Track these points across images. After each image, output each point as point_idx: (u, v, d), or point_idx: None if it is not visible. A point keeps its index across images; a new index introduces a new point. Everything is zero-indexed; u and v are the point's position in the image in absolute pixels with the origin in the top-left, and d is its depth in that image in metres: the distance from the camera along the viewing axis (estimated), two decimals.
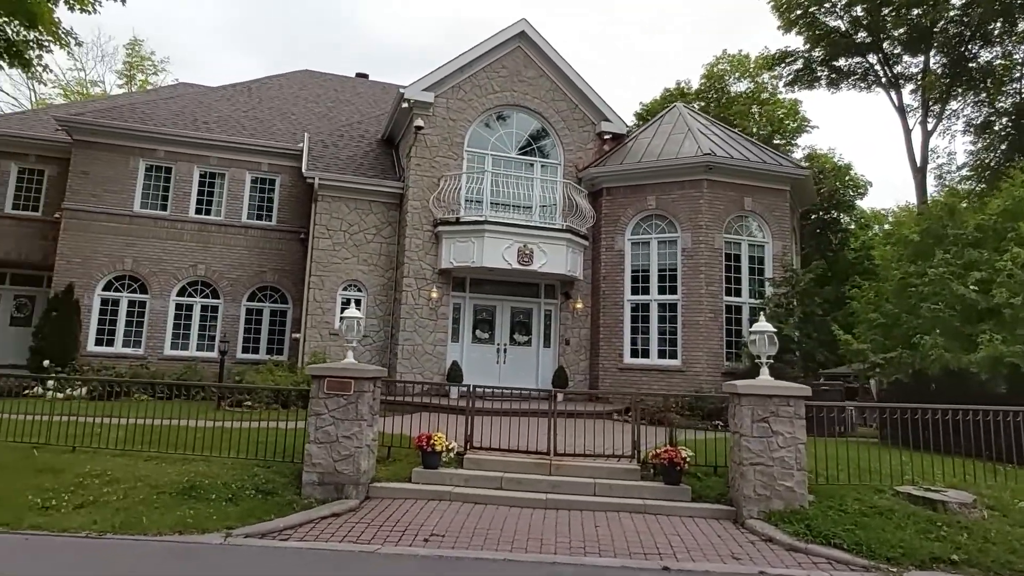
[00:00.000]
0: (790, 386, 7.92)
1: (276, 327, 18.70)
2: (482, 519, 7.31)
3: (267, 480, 8.02)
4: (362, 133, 20.13)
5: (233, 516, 6.96)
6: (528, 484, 8.33)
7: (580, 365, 16.86)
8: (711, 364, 15.31)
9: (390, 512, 7.47)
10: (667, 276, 16.19)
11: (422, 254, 16.23)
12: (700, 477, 8.51)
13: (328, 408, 8.06)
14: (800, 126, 38.34)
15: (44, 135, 19.07)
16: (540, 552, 6.33)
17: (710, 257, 15.78)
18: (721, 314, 15.63)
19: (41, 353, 15.96)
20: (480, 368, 15.95)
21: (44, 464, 8.33)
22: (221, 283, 18.23)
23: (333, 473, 7.89)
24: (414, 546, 6.37)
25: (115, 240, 17.66)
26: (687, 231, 16.02)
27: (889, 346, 12.41)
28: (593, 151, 17.87)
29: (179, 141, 18.32)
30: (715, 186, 16.09)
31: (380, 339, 16.68)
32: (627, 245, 16.73)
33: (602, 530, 7.05)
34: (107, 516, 6.87)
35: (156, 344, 17.63)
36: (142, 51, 37.90)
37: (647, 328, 16.19)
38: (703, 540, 6.83)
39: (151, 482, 7.79)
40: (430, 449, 8.52)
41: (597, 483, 8.29)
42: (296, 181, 18.65)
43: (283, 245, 18.78)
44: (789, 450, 7.60)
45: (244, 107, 21.48)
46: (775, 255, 16.22)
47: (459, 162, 16.78)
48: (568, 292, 17.05)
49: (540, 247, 15.84)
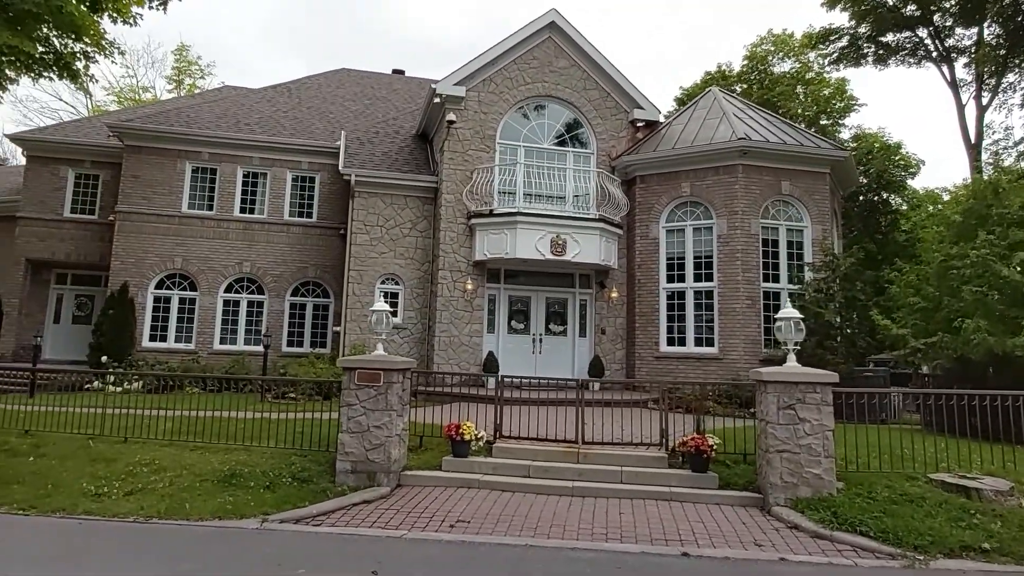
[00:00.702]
0: (816, 372, 7.82)
1: (319, 321, 19.23)
2: (508, 506, 7.48)
3: (303, 468, 8.35)
4: (397, 129, 20.46)
5: (270, 502, 7.30)
6: (555, 472, 8.45)
7: (616, 354, 16.86)
8: (748, 351, 15.12)
9: (419, 499, 7.71)
10: (703, 263, 16.02)
11: (456, 247, 16.44)
12: (728, 465, 8.49)
13: (359, 399, 8.34)
14: (847, 105, 37.11)
15: (98, 141, 19.97)
16: (562, 538, 6.45)
17: (746, 243, 15.55)
18: (758, 300, 15.40)
19: (100, 349, 16.81)
20: (516, 358, 16.12)
21: (98, 454, 8.86)
22: (266, 279, 18.83)
23: (365, 462, 8.17)
24: (439, 532, 6.57)
25: (165, 240, 18.42)
26: (722, 217, 15.81)
27: (930, 331, 12.04)
28: (626, 139, 17.75)
29: (223, 143, 18.95)
30: (751, 171, 15.82)
31: (418, 331, 17.00)
32: (662, 233, 16.60)
33: (626, 517, 7.13)
34: (153, 503, 7.29)
35: (206, 339, 18.36)
36: (189, 56, 39.21)
37: (683, 316, 16.08)
38: (727, 527, 6.84)
39: (195, 471, 8.21)
40: (459, 438, 8.72)
41: (624, 471, 8.36)
42: (335, 178, 19.09)
43: (324, 241, 19.27)
44: (816, 437, 7.52)
45: (284, 107, 22.05)
46: (814, 239, 15.86)
47: (491, 155, 16.91)
48: (603, 281, 17.05)
49: (573, 237, 15.87)
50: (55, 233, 19.68)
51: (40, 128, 21.68)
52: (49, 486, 7.82)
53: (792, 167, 15.99)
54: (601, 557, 5.92)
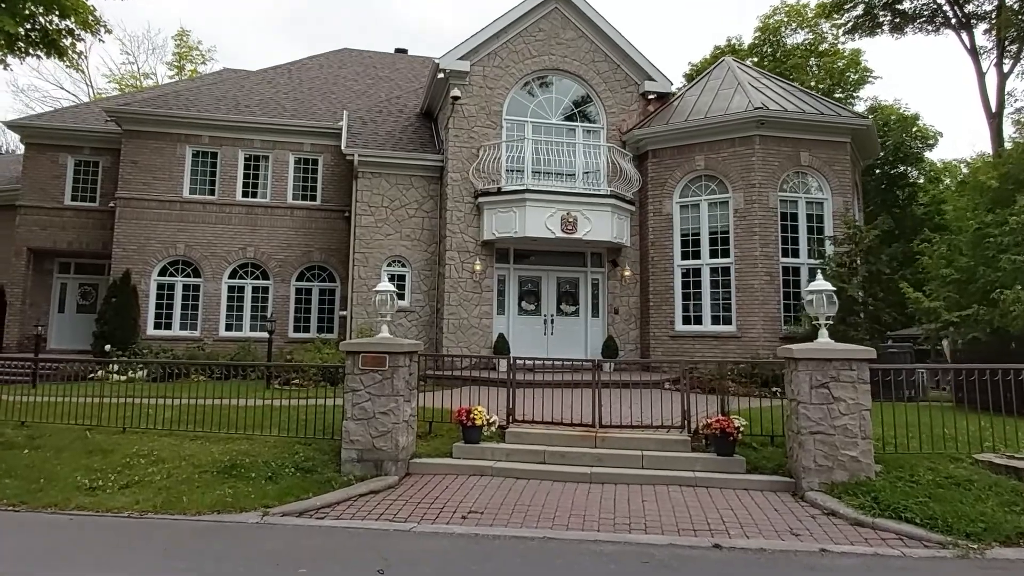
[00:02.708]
0: (852, 348, 7.31)
1: (325, 305, 18.86)
2: (523, 495, 7.05)
3: (307, 458, 7.95)
4: (400, 108, 19.90)
5: (271, 494, 6.90)
6: (572, 458, 8.02)
7: (630, 334, 16.38)
8: (768, 329, 14.59)
9: (429, 489, 7.29)
10: (719, 239, 15.46)
11: (464, 227, 15.95)
12: (756, 447, 8.02)
13: (364, 384, 7.90)
14: (862, 77, 36.19)
15: (96, 127, 19.54)
16: (582, 529, 6.02)
17: (764, 217, 14.96)
18: (778, 276, 14.84)
19: (104, 338, 16.51)
20: (527, 340, 15.67)
21: (95, 445, 8.50)
22: (270, 264, 18.44)
23: (371, 450, 7.76)
24: (451, 524, 6.15)
25: (167, 226, 18.03)
26: (739, 191, 15.21)
27: (964, 303, 11.46)
28: (637, 113, 17.13)
29: (222, 126, 18.48)
30: (768, 142, 15.19)
31: (426, 314, 16.57)
32: (675, 208, 16.03)
33: (649, 505, 6.68)
34: (149, 496, 6.92)
35: (211, 326, 18.02)
36: (189, 41, 38.65)
37: (699, 294, 15.55)
38: (758, 515, 6.38)
39: (194, 461, 7.83)
40: (470, 423, 8.29)
41: (645, 455, 7.91)
42: (338, 160, 18.60)
43: (328, 224, 18.83)
44: (852, 417, 7.02)
45: (285, 89, 21.53)
46: (835, 212, 15.24)
47: (498, 131, 16.35)
48: (615, 260, 16.52)
49: (584, 214, 15.34)
50: (56, 221, 19.33)
51: (38, 115, 21.29)
52: (42, 480, 7.46)
53: (811, 137, 15.35)
54: (626, 550, 5.48)
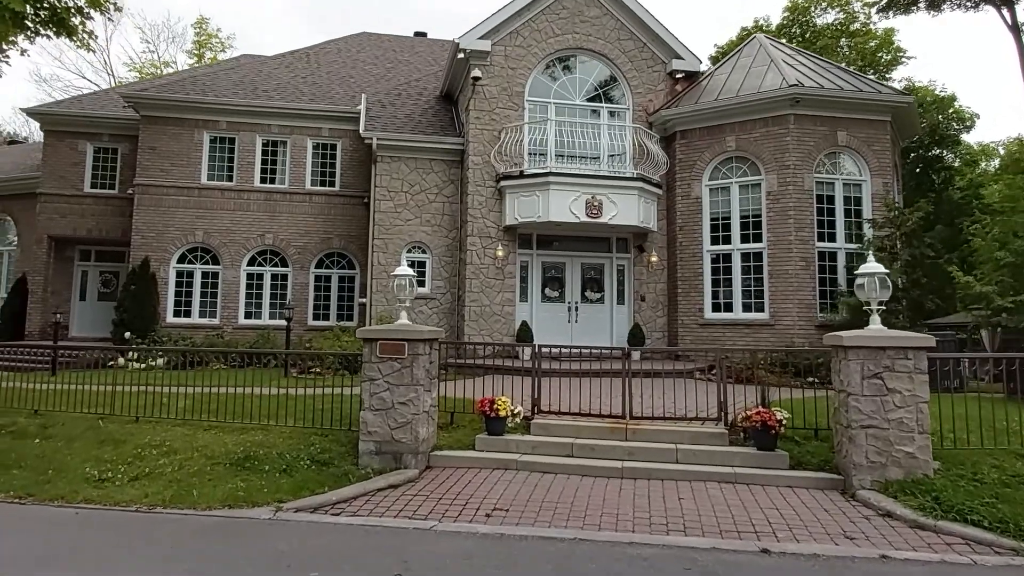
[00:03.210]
0: (908, 336, 6.75)
1: (345, 293, 18.56)
2: (550, 491, 6.62)
3: (323, 449, 7.61)
4: (420, 91, 19.45)
5: (285, 488, 6.56)
6: (601, 451, 7.57)
7: (657, 322, 15.86)
8: (803, 316, 13.99)
9: (451, 483, 6.90)
10: (751, 223, 14.83)
11: (485, 211, 15.50)
12: (798, 441, 7.51)
13: (382, 373, 7.51)
14: (895, 58, 34.97)
15: (115, 113, 19.36)
16: (615, 530, 5.58)
17: (799, 200, 14.31)
18: (813, 262, 14.20)
19: (123, 325, 16.36)
20: (551, 328, 15.21)
21: (107, 435, 8.24)
22: (289, 251, 18.16)
23: (390, 442, 7.38)
24: (474, 522, 5.75)
25: (186, 213, 17.82)
26: (772, 172, 14.56)
27: (1020, 287, 10.77)
28: (664, 92, 16.50)
29: (240, 110, 18.18)
30: (803, 121, 14.50)
31: (447, 301, 16.19)
32: (705, 191, 15.43)
33: (687, 503, 6.22)
34: (159, 489, 6.61)
35: (230, 314, 17.81)
36: (209, 28, 38.48)
37: (729, 280, 14.97)
38: (807, 515, 5.89)
39: (207, 452, 7.53)
40: (493, 414, 7.88)
41: (679, 449, 7.44)
42: (357, 145, 18.23)
43: (347, 210, 18.49)
44: (908, 410, 6.48)
45: (303, 73, 21.18)
46: (874, 194, 14.53)
47: (520, 113, 15.84)
48: (642, 245, 15.98)
49: (610, 198, 14.80)
50: (76, 209, 19.22)
51: (57, 101, 21.18)
52: (50, 471, 7.20)
53: (849, 116, 14.63)
54: (665, 554, 5.03)
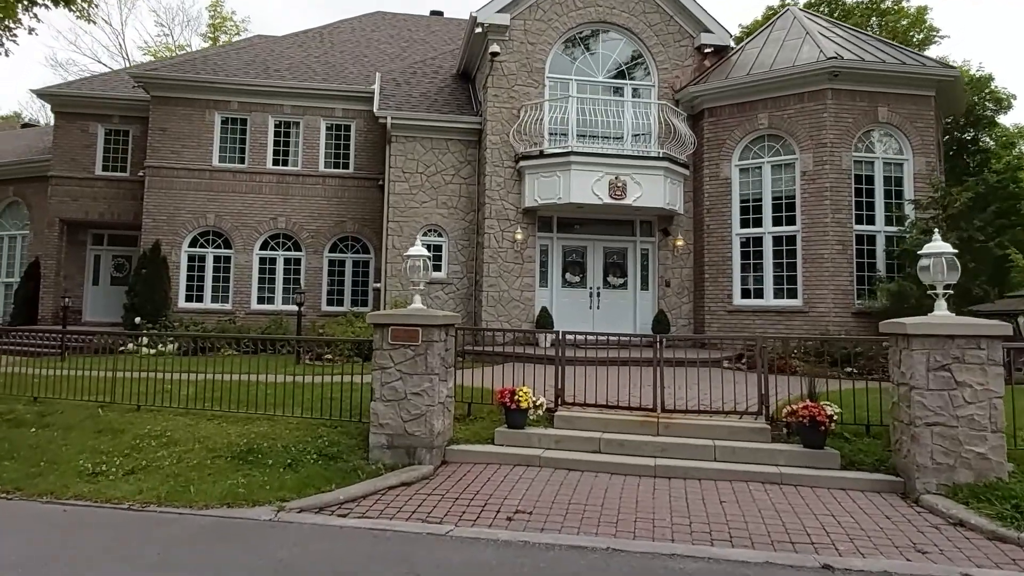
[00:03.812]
0: (982, 323, 6.04)
1: (359, 278, 18.08)
2: (577, 491, 6.04)
3: (331, 443, 7.08)
4: (436, 69, 18.80)
5: (289, 485, 6.04)
6: (632, 447, 6.97)
7: (682, 308, 15.18)
8: (839, 303, 13.24)
9: (468, 481, 6.34)
10: (783, 205, 14.07)
11: (504, 193, 14.87)
12: (848, 438, 6.85)
13: (394, 361, 6.96)
14: (928, 37, 33.68)
15: (125, 94, 18.93)
16: (653, 539, 4.98)
17: (836, 180, 13.51)
18: (850, 245, 13.42)
19: (134, 310, 16.03)
20: (571, 314, 14.61)
21: (106, 424, 7.80)
22: (302, 235, 17.68)
23: (403, 435, 6.84)
24: (494, 526, 5.19)
25: (197, 196, 17.39)
26: (807, 151, 13.76)
27: None
28: (692, 68, 15.71)
29: (251, 91, 17.66)
30: (841, 96, 13.67)
31: (464, 286, 15.62)
32: (734, 172, 14.67)
33: (730, 507, 5.61)
34: (155, 485, 6.12)
35: (243, 299, 17.40)
36: (223, 11, 37.99)
37: (760, 265, 14.24)
38: (867, 523, 5.25)
39: (209, 444, 7.04)
40: (514, 406, 7.30)
41: (717, 446, 6.81)
42: (371, 126, 17.66)
43: (362, 193, 17.96)
44: (980, 406, 5.80)
45: (316, 53, 20.61)
46: (917, 173, 13.70)
47: (540, 90, 15.15)
48: (667, 228, 15.28)
49: (634, 178, 14.10)
50: (87, 192, 18.87)
51: (67, 83, 20.81)
52: (43, 463, 6.76)
53: (891, 90, 13.77)
54: (712, 569, 4.42)
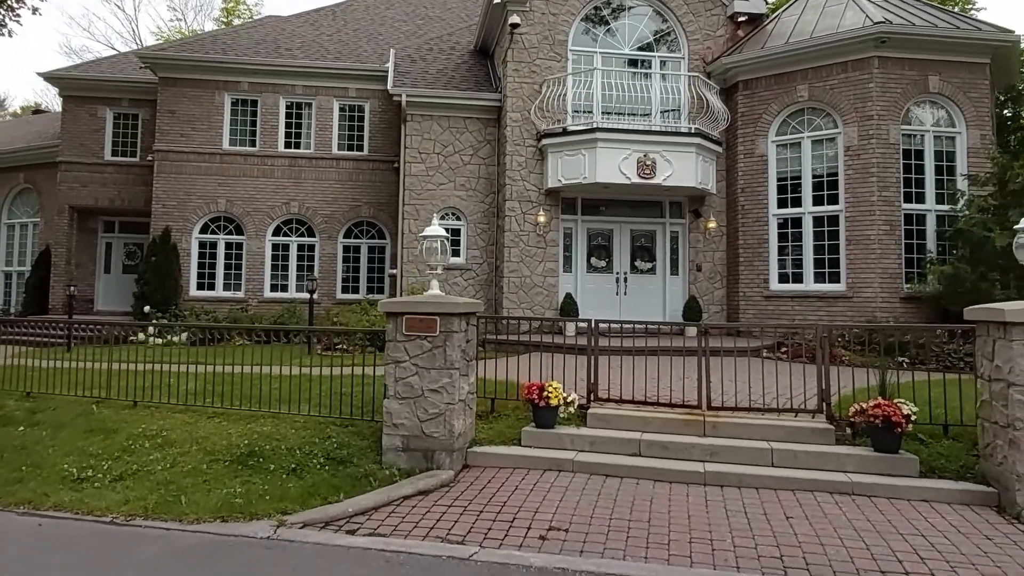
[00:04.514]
0: None
1: (375, 264, 17.41)
2: (619, 502, 5.29)
3: (341, 444, 6.39)
4: (452, 45, 17.97)
5: (292, 495, 5.37)
6: (676, 449, 6.20)
7: (715, 294, 14.32)
8: (886, 288, 12.31)
9: (493, 489, 5.62)
10: (824, 183, 13.13)
11: (525, 173, 14.07)
12: (924, 440, 6.03)
13: (409, 354, 6.23)
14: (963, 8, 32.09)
15: (134, 77, 18.32)
16: (714, 566, 4.18)
17: (883, 155, 12.54)
18: (898, 226, 12.47)
19: (143, 299, 15.53)
20: (597, 301, 13.84)
21: (99, 423, 7.18)
22: (316, 220, 17.03)
23: (420, 436, 6.13)
24: (525, 548, 4.47)
25: (207, 180, 16.79)
26: (851, 124, 12.78)
27: None
28: (724, 39, 14.74)
29: (262, 70, 16.97)
30: (888, 64, 12.66)
31: (483, 272, 14.89)
32: (771, 148, 13.73)
33: (799, 524, 4.83)
34: (143, 493, 5.48)
35: (255, 287, 16.82)
36: None
37: (799, 248, 13.33)
38: (967, 547, 4.45)
39: (207, 446, 6.39)
40: (543, 403, 6.56)
41: (775, 449, 6.02)
42: (386, 106, 16.93)
43: (377, 176, 17.24)
44: None
45: (328, 31, 19.86)
46: (971, 147, 12.68)
47: (563, 64, 14.28)
48: (698, 210, 14.40)
49: (664, 156, 13.22)
50: (97, 178, 18.35)
51: (75, 65, 20.27)
52: (26, 467, 6.15)
53: (942, 58, 12.73)
54: None
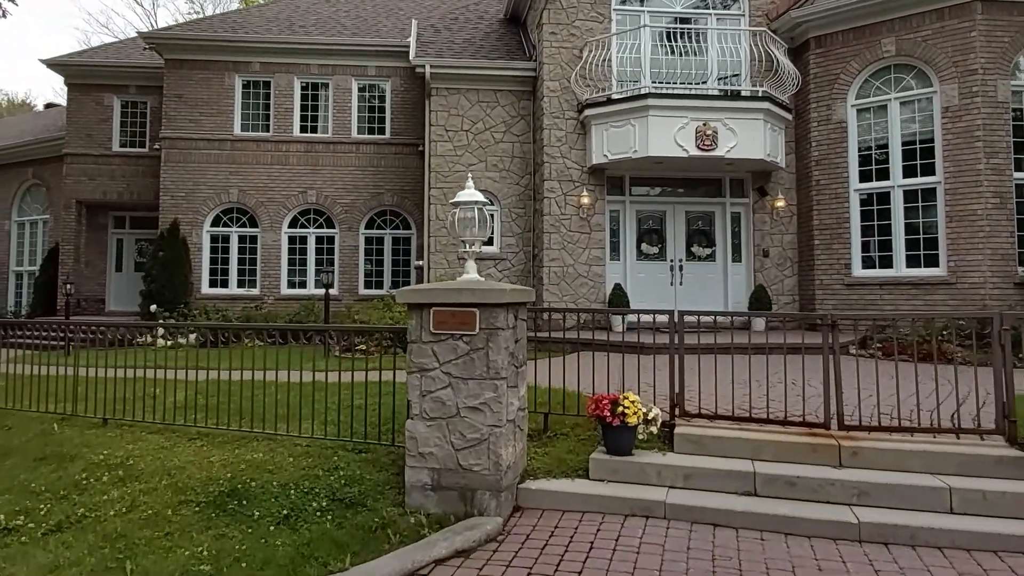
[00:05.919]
0: None
1: (400, 257, 15.94)
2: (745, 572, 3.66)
3: (351, 479, 4.81)
4: (480, 14, 16.42)
5: (280, 558, 3.81)
6: (807, 487, 4.50)
7: (784, 283, 12.55)
8: (997, 272, 10.44)
9: (557, 547, 4.01)
10: (917, 151, 11.27)
11: (566, 149, 12.43)
12: None
13: (440, 360, 4.63)
14: None
15: (141, 62, 17.14)
16: None
17: (989, 116, 10.64)
18: (1010, 198, 10.58)
19: (151, 297, 14.27)
20: (649, 292, 12.19)
21: (55, 447, 5.75)
22: (335, 210, 15.61)
23: (455, 471, 4.51)
24: None
25: (218, 169, 15.50)
26: (950, 82, 10.90)
27: None
28: None
29: (274, 49, 15.60)
30: (993, 9, 10.76)
31: (519, 262, 13.30)
32: (851, 113, 11.90)
33: None
34: (82, 553, 3.99)
35: (271, 283, 15.48)
36: None
37: (886, 227, 11.49)
38: None
39: (180, 480, 4.90)
40: (617, 421, 4.91)
41: (953, 488, 4.31)
42: (409, 84, 15.45)
43: (400, 161, 15.76)
44: None
45: (345, 7, 18.47)
46: None
47: (606, 25, 12.62)
48: (763, 187, 12.63)
49: (727, 124, 11.48)
50: (105, 170, 17.19)
51: (79, 51, 19.15)
52: None
53: None
54: None
